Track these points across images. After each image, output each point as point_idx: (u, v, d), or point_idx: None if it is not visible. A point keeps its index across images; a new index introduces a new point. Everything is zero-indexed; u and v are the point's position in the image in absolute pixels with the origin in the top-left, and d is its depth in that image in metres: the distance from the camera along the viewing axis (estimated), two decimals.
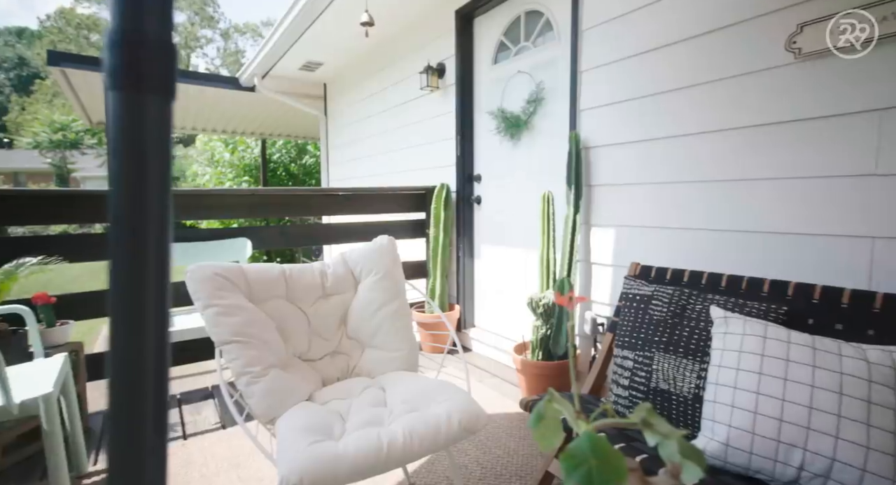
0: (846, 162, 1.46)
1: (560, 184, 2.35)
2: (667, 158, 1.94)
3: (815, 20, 1.49)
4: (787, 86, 1.59)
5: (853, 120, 1.44)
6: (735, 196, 1.73)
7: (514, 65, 2.80)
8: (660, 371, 1.44)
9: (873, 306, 1.26)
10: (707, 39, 1.79)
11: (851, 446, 1.04)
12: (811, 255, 1.54)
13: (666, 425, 0.59)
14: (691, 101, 1.85)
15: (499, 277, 2.99)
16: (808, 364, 1.14)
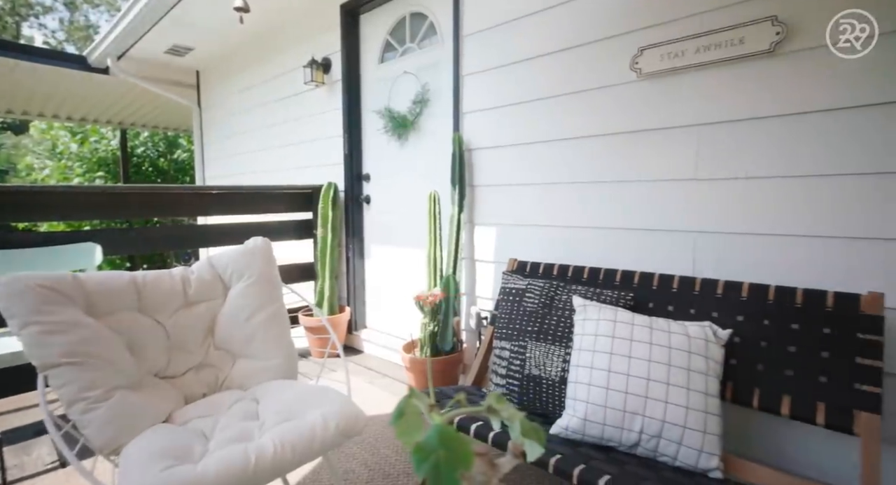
0: (675, 167, 1.71)
1: (446, 184, 2.42)
2: (541, 161, 2.11)
3: (652, 45, 1.73)
4: (632, 100, 1.82)
5: (679, 132, 1.70)
6: (596, 196, 1.93)
7: (401, 65, 2.82)
8: (532, 358, 1.56)
9: (694, 290, 1.50)
10: (571, 53, 1.97)
11: (676, 407, 1.22)
12: (652, 247, 1.78)
13: (510, 410, 0.63)
14: (561, 108, 2.03)
15: (389, 276, 2.98)
16: (646, 342, 1.32)
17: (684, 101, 1.68)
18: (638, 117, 1.80)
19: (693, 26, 1.64)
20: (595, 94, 1.91)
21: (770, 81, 1.50)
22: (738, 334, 1.35)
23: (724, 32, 1.57)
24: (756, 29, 1.51)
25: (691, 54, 1.65)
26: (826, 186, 1.40)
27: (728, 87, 1.58)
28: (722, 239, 1.61)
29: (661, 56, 1.72)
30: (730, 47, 1.57)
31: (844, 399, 1.15)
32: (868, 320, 1.19)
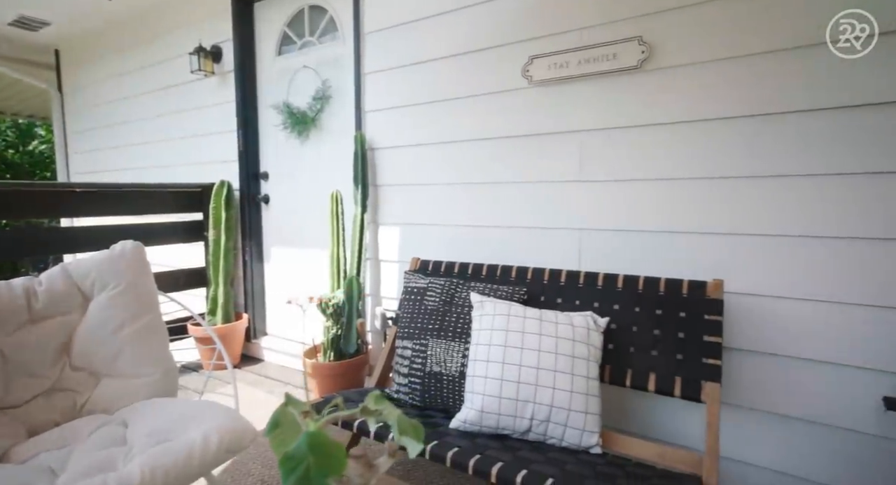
0: (563, 170, 1.85)
1: (349, 183, 2.36)
2: (442, 162, 2.15)
3: (541, 55, 1.85)
4: (525, 106, 1.92)
5: (565, 137, 1.84)
6: (494, 196, 2.02)
7: (300, 59, 2.70)
8: (433, 356, 1.58)
9: (579, 282, 1.63)
10: (470, 58, 2.03)
11: (562, 392, 1.32)
12: (544, 244, 1.90)
13: (388, 410, 0.63)
14: (460, 111, 2.08)
15: (292, 280, 2.84)
16: (536, 333, 1.41)
17: (569, 108, 1.82)
18: (530, 122, 1.91)
19: (575, 40, 1.78)
20: (491, 99, 1.99)
21: (639, 93, 1.68)
22: (615, 321, 1.50)
23: (600, 47, 1.73)
24: (626, 46, 1.68)
25: (574, 65, 1.79)
26: (679, 188, 1.61)
27: (606, 96, 1.74)
28: (603, 235, 1.77)
29: (549, 65, 1.85)
30: (605, 61, 1.73)
31: (695, 372, 1.33)
32: (712, 304, 1.39)
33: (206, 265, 2.87)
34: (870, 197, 1.32)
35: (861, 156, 1.33)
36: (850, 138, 1.34)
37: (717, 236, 1.55)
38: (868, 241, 1.33)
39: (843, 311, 1.36)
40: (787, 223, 1.44)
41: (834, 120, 1.36)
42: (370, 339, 2.40)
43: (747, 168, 1.49)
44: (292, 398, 0.63)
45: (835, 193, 1.37)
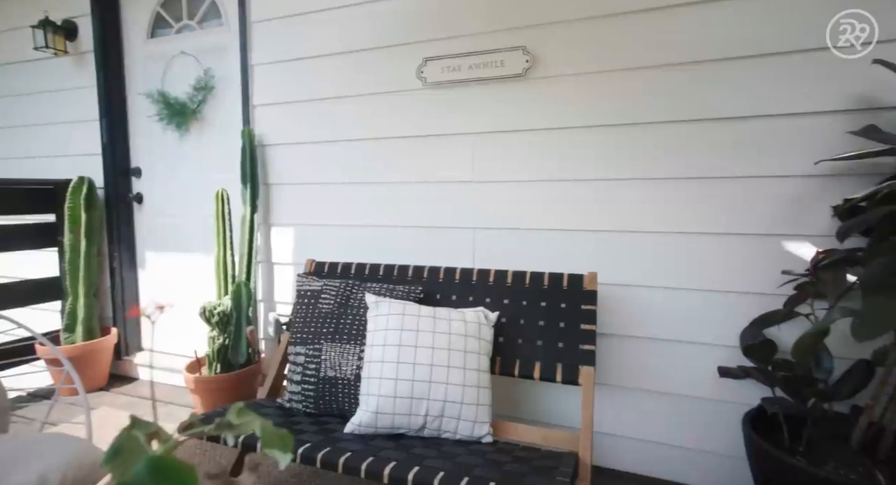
0: (457, 170, 1.90)
1: (237, 182, 2.19)
2: (339, 160, 2.09)
3: (435, 57, 1.88)
4: (420, 106, 1.94)
5: (459, 138, 1.89)
6: (391, 195, 2.01)
7: (177, 44, 2.44)
8: (328, 360, 1.53)
9: (472, 280, 1.69)
10: (367, 55, 2.00)
11: (455, 387, 1.36)
12: (440, 243, 1.94)
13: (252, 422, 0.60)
14: (356, 108, 2.04)
15: (172, 288, 2.56)
16: (430, 331, 1.43)
17: (462, 111, 1.88)
18: (425, 123, 1.94)
19: (467, 45, 1.84)
20: (388, 98, 1.99)
21: (524, 100, 1.78)
22: (505, 315, 1.58)
23: (489, 54, 1.81)
24: (512, 55, 1.78)
25: (466, 70, 1.85)
26: (560, 189, 1.74)
27: (495, 101, 1.83)
28: (494, 234, 1.85)
29: (443, 68, 1.89)
30: (494, 67, 1.81)
31: (573, 358, 1.45)
32: (588, 295, 1.52)
33: (62, 274, 2.48)
34: (715, 197, 1.55)
35: (709, 162, 1.55)
36: (702, 146, 1.56)
37: (593, 233, 1.71)
38: (712, 235, 1.56)
39: (690, 296, 1.59)
40: (648, 221, 1.63)
41: (688, 131, 1.57)
42: (263, 347, 2.26)
43: (618, 171, 1.66)
44: (139, 420, 0.57)
45: (687, 194, 1.58)
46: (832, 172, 1.42)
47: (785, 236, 1.48)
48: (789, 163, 1.47)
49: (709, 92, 1.54)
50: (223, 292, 2.10)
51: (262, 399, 1.65)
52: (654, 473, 1.67)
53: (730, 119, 1.52)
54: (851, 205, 1.31)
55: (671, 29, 1.57)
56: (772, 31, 1.46)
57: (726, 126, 1.53)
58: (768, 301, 1.48)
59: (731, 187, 1.53)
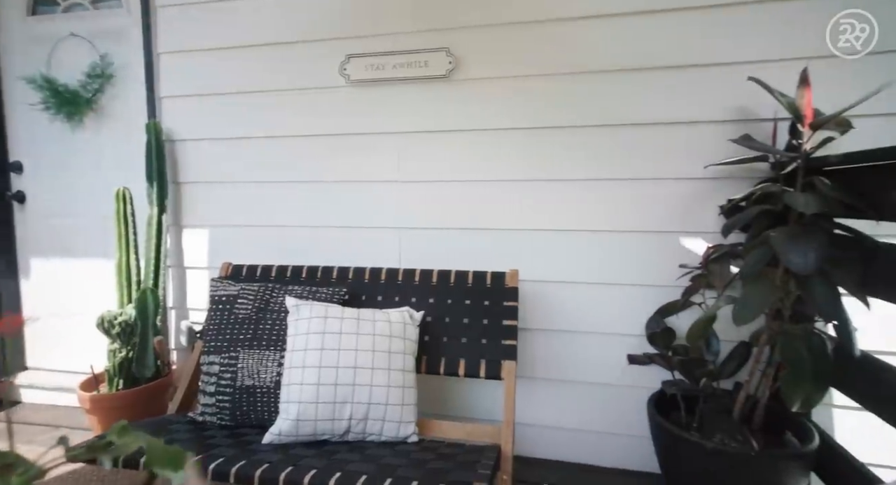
0: (382, 170, 1.88)
1: (141, 180, 2.01)
2: (258, 158, 1.98)
3: (358, 54, 1.85)
4: (344, 104, 1.90)
5: (384, 138, 1.87)
6: (315, 195, 1.95)
7: (66, 24, 2.19)
8: (245, 369, 1.45)
9: (398, 280, 1.68)
10: (287, 49, 1.92)
11: (380, 388, 1.34)
12: (366, 243, 1.91)
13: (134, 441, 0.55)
14: (276, 104, 1.95)
15: (64, 298, 2.29)
16: (354, 333, 1.40)
17: (387, 110, 1.86)
18: (350, 121, 1.90)
19: (390, 44, 1.83)
20: (310, 94, 1.92)
21: (448, 101, 1.81)
22: (430, 314, 1.59)
23: (413, 54, 1.81)
24: (436, 56, 1.80)
25: (390, 69, 1.84)
26: (483, 189, 1.79)
27: (420, 101, 1.83)
28: (421, 233, 1.86)
29: (366, 66, 1.86)
30: (418, 68, 1.82)
31: (496, 354, 1.49)
32: (510, 291, 1.58)
33: None
34: (622, 198, 1.67)
35: (616, 164, 1.67)
36: (610, 150, 1.67)
37: (515, 232, 1.77)
38: (620, 233, 1.68)
39: (602, 290, 1.70)
40: (564, 220, 1.72)
41: (598, 135, 1.67)
42: (175, 358, 2.09)
43: (535, 172, 1.73)
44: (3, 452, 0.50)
45: (598, 195, 1.69)
46: (719, 175, 1.59)
47: (682, 233, 1.64)
48: (684, 166, 1.62)
49: (615, 99, 1.66)
50: (126, 301, 1.91)
51: (171, 414, 1.52)
52: (573, 457, 1.77)
53: (634, 125, 1.65)
54: (734, 204, 1.47)
55: (583, 39, 1.67)
56: (669, 46, 1.60)
57: (631, 131, 1.65)
58: (670, 292, 1.62)
59: (635, 188, 1.66)
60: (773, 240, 1.16)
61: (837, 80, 1.47)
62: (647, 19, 1.62)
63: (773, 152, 1.37)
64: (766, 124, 1.54)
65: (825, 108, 1.31)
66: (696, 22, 1.58)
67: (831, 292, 1.14)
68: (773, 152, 1.37)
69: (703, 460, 1.23)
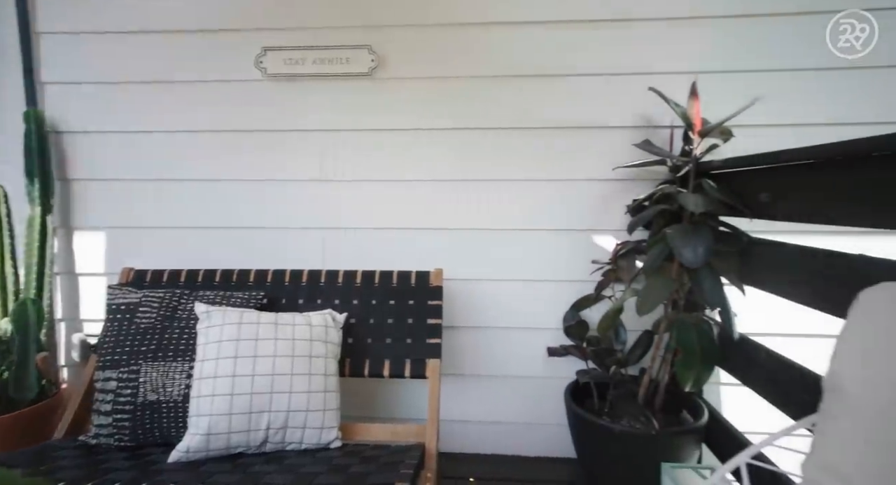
0: (305, 169, 1.82)
1: (18, 175, 1.77)
2: (165, 153, 1.83)
3: (275, 48, 1.76)
4: (261, 99, 1.81)
5: (307, 135, 1.81)
6: (230, 194, 1.83)
7: None
8: (148, 383, 1.33)
9: (320, 281, 1.63)
10: (197, 37, 1.79)
11: (300, 395, 1.29)
12: (287, 245, 1.84)
13: None
14: (186, 96, 1.81)
15: None
16: (271, 338, 1.34)
17: (309, 107, 1.80)
18: (269, 117, 1.81)
19: (310, 38, 1.77)
20: (224, 87, 1.81)
21: (372, 99, 1.78)
22: (354, 316, 1.56)
23: (334, 50, 1.76)
24: (358, 53, 1.76)
25: (310, 64, 1.78)
26: (409, 188, 1.79)
27: (343, 99, 1.79)
28: (345, 234, 1.82)
29: (284, 60, 1.78)
30: (340, 64, 1.78)
31: (421, 353, 1.50)
32: (435, 290, 1.59)
33: None
34: (540, 197, 1.75)
35: (534, 165, 1.74)
36: (528, 151, 1.73)
37: (441, 231, 1.79)
38: (539, 231, 1.76)
39: (523, 286, 1.77)
40: (486, 219, 1.77)
41: (517, 137, 1.74)
42: (66, 375, 1.87)
43: (457, 172, 1.76)
44: None
45: (517, 195, 1.75)
46: (626, 176, 1.72)
47: (594, 231, 1.75)
48: (595, 168, 1.73)
49: (533, 103, 1.73)
50: (1, 314, 1.67)
51: (57, 440, 1.36)
52: (499, 450, 1.83)
53: (550, 128, 1.73)
54: (638, 204, 1.60)
55: (503, 44, 1.72)
56: (583, 55, 1.70)
57: (547, 134, 1.73)
58: (585, 287, 1.72)
59: (552, 188, 1.74)
60: (669, 237, 1.27)
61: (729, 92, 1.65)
62: (561, 29, 1.70)
63: (669, 157, 1.51)
64: (666, 131, 1.69)
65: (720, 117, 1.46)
66: (606, 34, 1.70)
67: (716, 283, 1.28)
68: (669, 157, 1.51)
69: (612, 442, 1.33)
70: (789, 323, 1.61)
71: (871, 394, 0.62)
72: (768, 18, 1.66)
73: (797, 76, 1.66)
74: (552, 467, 1.73)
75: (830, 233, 1.54)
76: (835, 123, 1.65)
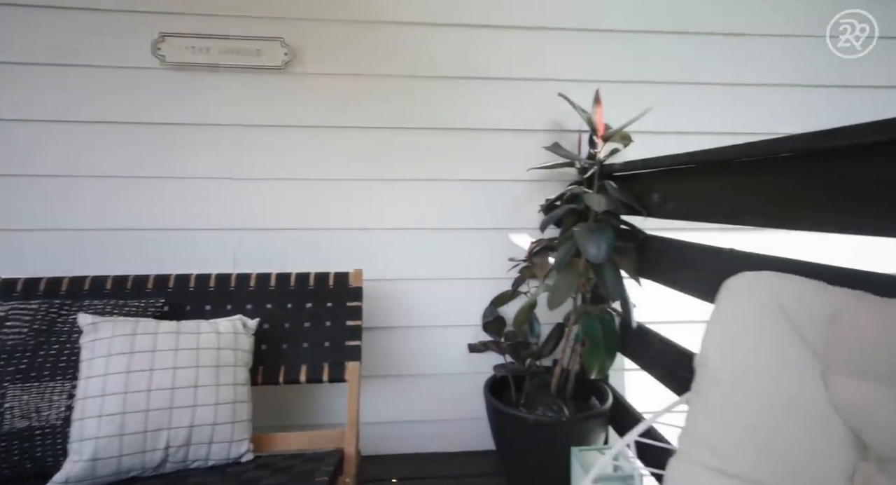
0: (216, 165, 1.70)
1: None
2: (49, 146, 1.62)
3: (175, 34, 1.62)
4: (162, 89, 1.66)
5: (217, 129, 1.69)
6: (127, 193, 1.66)
7: None
8: (16, 408, 1.17)
9: (230, 286, 1.53)
10: (89, 17, 1.60)
11: (205, 408, 1.20)
12: (195, 247, 1.70)
13: None
14: (73, 82, 1.61)
15: None
16: (172, 349, 1.23)
17: (216, 100, 1.68)
18: (171, 109, 1.67)
19: (216, 26, 1.65)
20: (117, 74, 1.64)
21: (286, 94, 1.70)
22: (268, 321, 1.48)
23: (244, 41, 1.66)
24: (270, 45, 1.68)
25: (217, 54, 1.66)
26: (326, 187, 1.74)
27: (255, 92, 1.69)
28: (259, 235, 1.73)
29: (187, 48, 1.65)
30: (250, 56, 1.68)
31: (340, 356, 1.46)
32: (354, 292, 1.56)
33: None
34: (460, 197, 1.77)
35: (454, 165, 1.76)
36: (448, 152, 1.76)
37: (360, 231, 1.76)
38: (459, 230, 1.78)
39: (443, 285, 1.79)
40: (406, 219, 1.77)
41: (435, 137, 1.75)
42: None
43: (378, 172, 1.74)
44: None
45: (437, 194, 1.77)
46: (539, 177, 1.80)
47: (511, 230, 1.81)
48: (512, 169, 1.79)
49: (451, 104, 1.76)
50: None
51: None
52: (422, 448, 1.83)
53: (468, 130, 1.77)
54: (550, 203, 1.69)
55: (421, 45, 1.73)
56: (499, 59, 1.76)
57: (466, 135, 1.77)
58: (503, 284, 1.78)
59: (470, 188, 1.78)
60: (576, 235, 1.35)
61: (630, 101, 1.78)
62: (478, 32, 1.75)
63: (577, 159, 1.61)
64: (575, 135, 1.79)
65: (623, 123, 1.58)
66: (520, 40, 1.76)
67: (617, 277, 1.38)
68: (577, 159, 1.61)
69: (527, 431, 1.39)
70: (680, 311, 1.79)
71: (730, 369, 0.70)
72: (668, 35, 1.82)
73: (692, 89, 1.84)
74: (473, 461, 1.77)
75: (714, 229, 1.74)
76: (717, 132, 1.85)
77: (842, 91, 1.88)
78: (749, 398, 0.68)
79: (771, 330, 0.69)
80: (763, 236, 1.83)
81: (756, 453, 0.66)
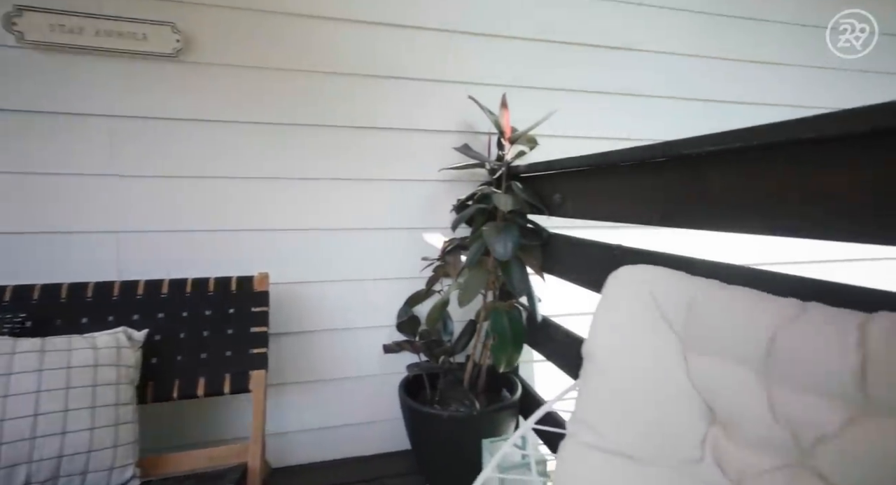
0: (90, 161, 1.51)
1: None
2: None
3: (36, 8, 1.42)
4: (21, 72, 1.44)
5: (91, 120, 1.50)
6: None
7: None
8: None
9: (113, 295, 1.37)
10: None
11: (78, 434, 1.07)
12: (67, 253, 1.50)
13: None
14: None
15: None
16: (34, 370, 1.08)
17: (94, 87, 1.50)
18: (34, 95, 1.45)
19: (89, 4, 1.47)
20: None
21: (177, 85, 1.56)
22: (159, 332, 1.35)
23: (125, 23, 1.49)
24: (159, 30, 1.53)
25: (91, 36, 1.48)
26: (221, 186, 1.62)
27: (140, 81, 1.53)
28: (145, 238, 1.57)
29: (52, 26, 1.45)
30: (134, 41, 1.51)
31: (243, 365, 1.37)
32: (259, 296, 1.47)
33: None
34: (373, 197, 1.74)
35: (366, 165, 1.73)
36: (360, 151, 1.72)
37: (265, 233, 1.66)
38: (373, 230, 1.76)
39: (357, 286, 1.76)
40: (316, 219, 1.70)
41: (346, 135, 1.71)
42: None
43: (285, 170, 1.66)
44: None
45: (349, 194, 1.73)
46: (452, 177, 1.83)
47: (425, 229, 1.82)
48: (424, 169, 1.80)
49: (362, 103, 1.72)
50: None
51: None
52: (337, 454, 1.78)
53: (379, 129, 1.75)
54: (461, 203, 1.72)
55: (330, 41, 1.67)
56: (410, 59, 1.75)
57: (377, 134, 1.75)
58: (418, 283, 1.78)
59: (382, 188, 1.77)
60: (484, 233, 1.39)
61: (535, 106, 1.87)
62: (391, 31, 1.73)
63: (486, 160, 1.66)
64: (486, 136, 1.85)
65: None
66: (433, 42, 1.77)
67: (523, 273, 1.45)
68: (486, 160, 1.66)
69: (440, 427, 1.41)
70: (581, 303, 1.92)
71: (610, 355, 0.76)
72: (571, 46, 1.93)
73: (593, 97, 1.97)
74: (391, 462, 1.76)
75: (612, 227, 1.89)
76: (615, 138, 2.01)
77: (715, 105, 2.13)
78: (626, 381, 0.74)
79: (644, 317, 0.77)
80: (652, 233, 2.03)
81: (632, 429, 0.73)
